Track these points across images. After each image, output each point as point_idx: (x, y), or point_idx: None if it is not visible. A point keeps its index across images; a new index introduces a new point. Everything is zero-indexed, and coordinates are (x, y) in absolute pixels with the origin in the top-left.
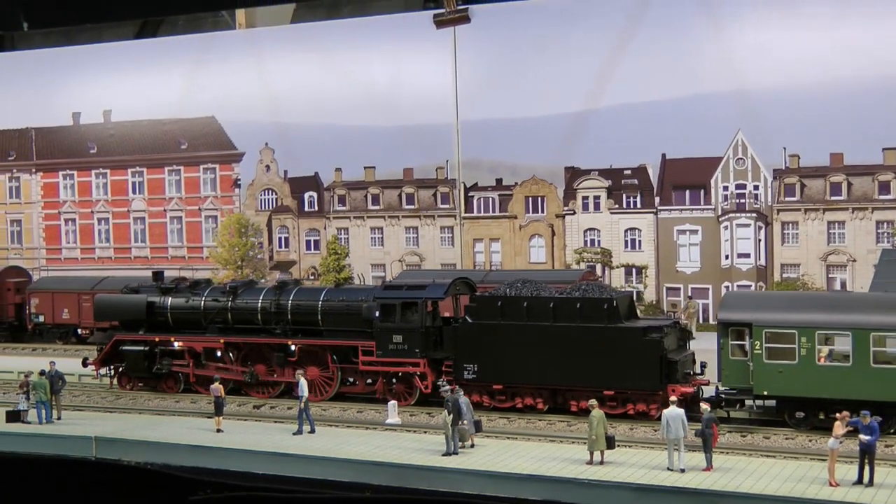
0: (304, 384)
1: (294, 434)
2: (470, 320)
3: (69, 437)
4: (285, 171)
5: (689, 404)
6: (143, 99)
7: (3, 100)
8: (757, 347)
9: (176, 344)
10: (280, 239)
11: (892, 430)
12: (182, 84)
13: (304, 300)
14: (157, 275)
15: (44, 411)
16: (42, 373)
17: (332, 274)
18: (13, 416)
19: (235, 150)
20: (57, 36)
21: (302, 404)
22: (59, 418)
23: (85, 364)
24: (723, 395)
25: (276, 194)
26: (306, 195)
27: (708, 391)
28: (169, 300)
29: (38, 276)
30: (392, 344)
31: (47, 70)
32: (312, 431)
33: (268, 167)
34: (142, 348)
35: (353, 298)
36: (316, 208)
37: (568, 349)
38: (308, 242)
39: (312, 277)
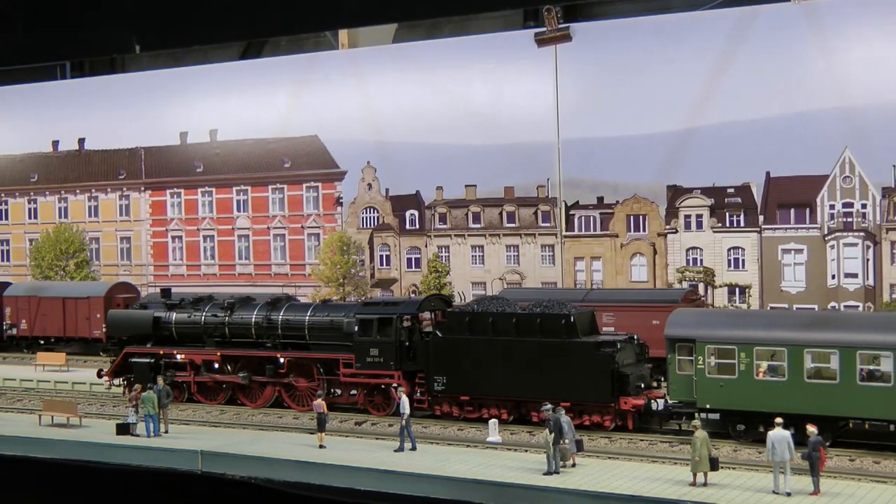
0: (405, 401)
1: (395, 451)
2: (440, 335)
3: (176, 450)
4: (387, 190)
5: (642, 416)
6: (247, 118)
7: (114, 120)
8: (700, 362)
9: (178, 356)
10: (381, 257)
11: (827, 444)
12: (285, 103)
13: (292, 316)
14: (165, 292)
15: (152, 425)
16: (150, 387)
17: (433, 292)
18: (123, 429)
19: (338, 168)
20: (165, 58)
21: (403, 421)
22: (166, 432)
23: (99, 375)
24: (671, 409)
25: (378, 212)
26: (407, 213)
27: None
28: (173, 315)
29: (146, 291)
30: (369, 357)
31: (156, 91)
32: (414, 448)
33: (370, 185)
34: (148, 360)
35: (336, 314)
36: (417, 226)
37: (529, 362)
38: (409, 260)
39: (414, 296)
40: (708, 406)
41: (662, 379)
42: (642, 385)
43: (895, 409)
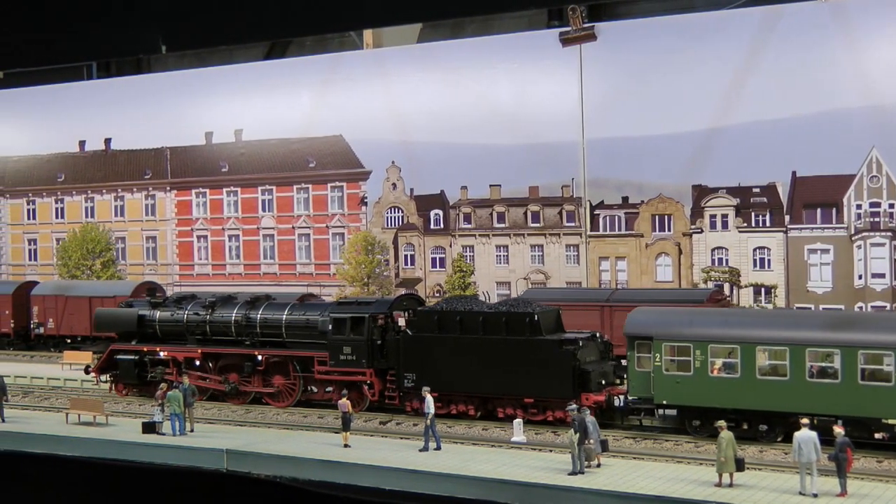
0: (430, 401)
1: (420, 450)
2: (410, 333)
3: (202, 449)
4: (411, 189)
5: (604, 411)
6: (272, 118)
7: (139, 120)
8: (657, 360)
9: (161, 354)
10: (406, 256)
11: (778, 439)
12: (310, 103)
13: (270, 314)
14: (152, 290)
15: (177, 423)
16: (175, 386)
17: (458, 291)
18: (149, 428)
19: (362, 168)
20: (190, 58)
21: (428, 421)
22: (191, 430)
23: (87, 371)
24: (630, 405)
25: (403, 212)
26: (432, 213)
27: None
28: (157, 314)
29: (171, 291)
30: (342, 355)
31: (181, 91)
32: (438, 448)
33: (394, 185)
34: (132, 357)
35: (312, 313)
36: (442, 226)
37: (495, 360)
38: (434, 260)
39: (438, 295)
40: (665, 402)
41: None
42: (603, 381)
43: (843, 405)
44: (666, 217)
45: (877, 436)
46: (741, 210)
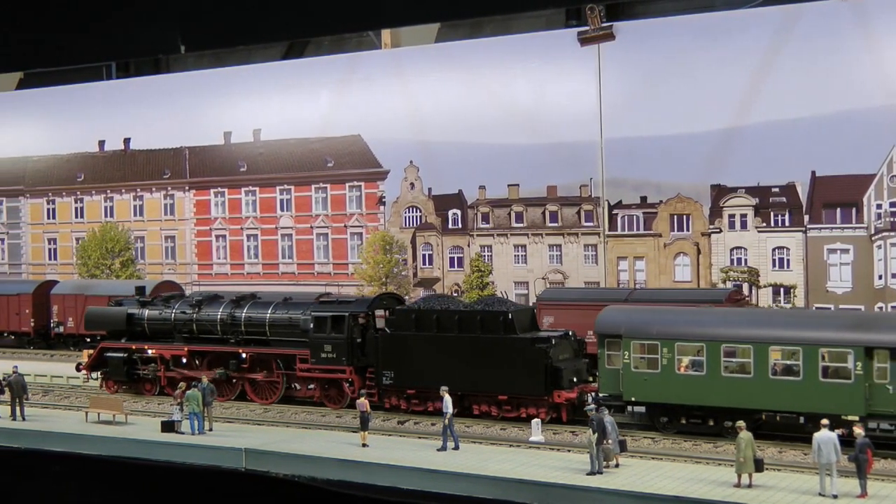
0: (448, 401)
1: (438, 450)
2: (389, 331)
3: (220, 447)
4: (429, 189)
5: (576, 408)
6: (290, 118)
7: (158, 120)
8: (626, 357)
9: (150, 351)
10: (424, 256)
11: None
12: (328, 103)
13: (255, 313)
14: (140, 289)
15: (196, 422)
16: (195, 385)
17: (476, 291)
18: (168, 427)
19: (381, 167)
20: (209, 58)
21: (446, 420)
22: (210, 429)
23: (78, 369)
24: (601, 402)
25: (421, 212)
26: (450, 212)
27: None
28: (146, 312)
29: (190, 290)
30: (323, 353)
31: (200, 91)
32: (456, 448)
33: (412, 185)
34: (122, 355)
35: (295, 312)
36: (460, 226)
37: (470, 358)
38: (452, 259)
39: (456, 294)
40: (633, 399)
41: None
42: (575, 379)
43: (804, 402)
44: (684, 217)
45: (836, 432)
46: (760, 210)
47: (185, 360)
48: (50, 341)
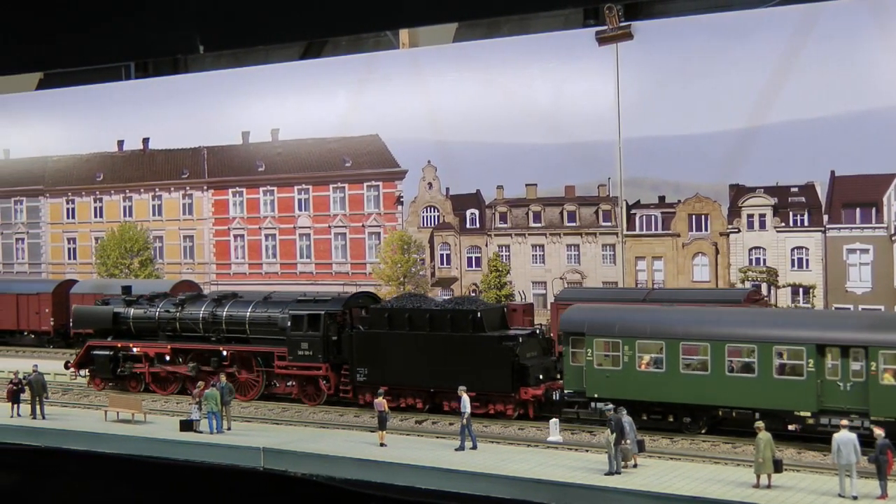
0: (466, 400)
1: (456, 450)
2: (363, 329)
3: (239, 447)
4: (447, 189)
5: (542, 404)
6: (308, 118)
7: (177, 120)
8: (589, 355)
9: (134, 349)
10: (442, 256)
11: (702, 431)
12: (346, 103)
13: (235, 312)
14: (126, 289)
15: (215, 421)
16: (213, 385)
17: (493, 291)
18: (186, 426)
19: (398, 167)
20: (227, 58)
21: (464, 420)
22: (228, 429)
23: (66, 366)
24: (566, 398)
25: (439, 211)
26: (468, 212)
27: None
28: (131, 311)
29: (209, 289)
30: (300, 350)
31: (218, 91)
32: (474, 447)
33: (430, 184)
34: (108, 353)
35: (273, 310)
36: (477, 225)
37: (441, 355)
38: (469, 259)
39: (474, 294)
40: (596, 395)
41: None
42: (542, 376)
43: (759, 398)
44: (703, 216)
45: (790, 427)
46: (779, 210)
47: (168, 358)
48: (69, 340)
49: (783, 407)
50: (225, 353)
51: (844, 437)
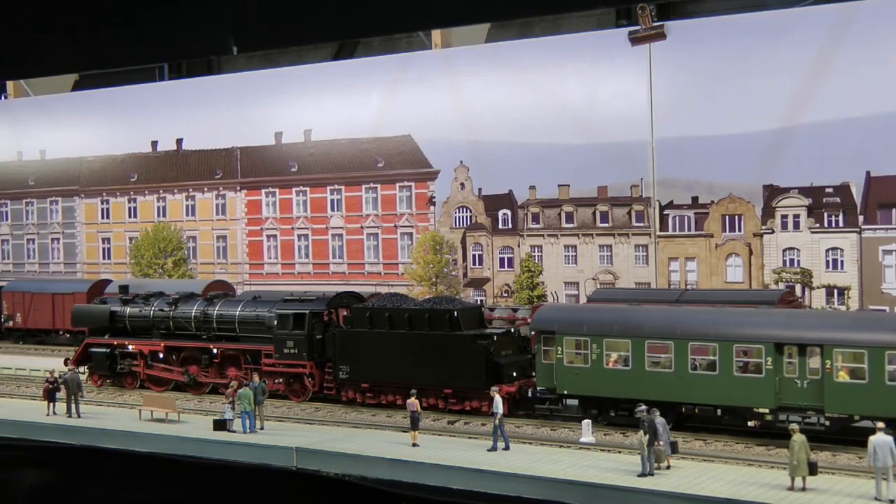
0: (498, 401)
1: (489, 450)
2: (345, 328)
3: (271, 446)
4: (479, 189)
5: (517, 401)
6: (341, 118)
7: (210, 121)
8: (559, 353)
9: (129, 347)
10: (474, 256)
11: (669, 426)
12: (379, 103)
13: (225, 310)
14: (123, 288)
15: (248, 421)
16: (246, 384)
17: (526, 291)
18: (220, 425)
19: (431, 167)
20: (259, 59)
21: (497, 421)
22: (261, 428)
23: (66, 363)
24: (538, 395)
25: (471, 212)
26: (500, 213)
27: None
28: (127, 310)
29: (241, 289)
30: (286, 349)
31: (251, 92)
32: (507, 448)
33: (462, 185)
34: (104, 350)
35: (262, 309)
36: (510, 226)
37: (419, 353)
38: (502, 260)
39: (506, 295)
40: (566, 392)
41: None
42: (515, 374)
43: (721, 395)
44: (736, 217)
45: (749, 423)
46: (813, 210)
47: (161, 356)
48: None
49: (743, 404)
50: (215, 350)
51: (881, 440)
